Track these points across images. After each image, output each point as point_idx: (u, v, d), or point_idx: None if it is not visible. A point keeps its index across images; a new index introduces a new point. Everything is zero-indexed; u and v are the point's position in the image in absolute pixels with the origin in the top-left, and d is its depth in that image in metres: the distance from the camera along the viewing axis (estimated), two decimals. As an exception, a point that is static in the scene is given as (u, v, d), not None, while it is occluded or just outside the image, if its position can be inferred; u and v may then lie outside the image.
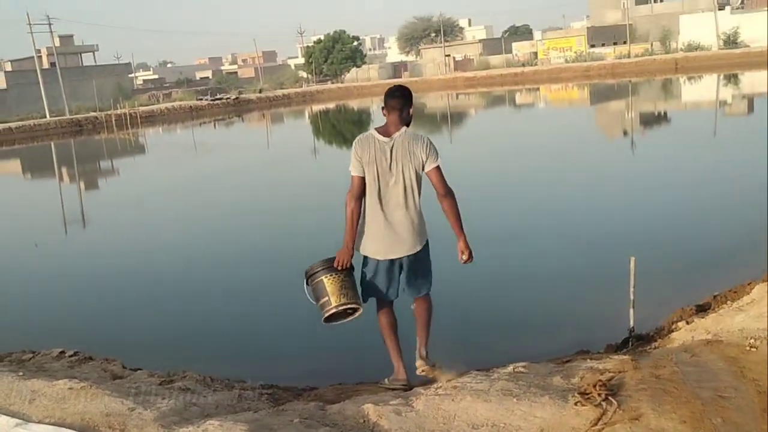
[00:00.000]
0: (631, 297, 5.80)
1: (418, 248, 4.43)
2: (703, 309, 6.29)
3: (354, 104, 56.93)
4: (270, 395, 5.26)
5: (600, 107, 38.67)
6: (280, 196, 16.65)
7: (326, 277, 4.33)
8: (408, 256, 4.42)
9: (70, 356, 5.71)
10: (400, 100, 4.37)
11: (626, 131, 26.36)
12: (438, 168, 4.32)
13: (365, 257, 4.50)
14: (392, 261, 4.44)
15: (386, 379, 4.83)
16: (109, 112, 46.34)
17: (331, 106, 56.50)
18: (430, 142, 4.37)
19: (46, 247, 13.03)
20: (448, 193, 4.35)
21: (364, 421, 4.04)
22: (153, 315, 8.51)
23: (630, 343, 5.78)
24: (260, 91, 63.56)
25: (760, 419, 3.37)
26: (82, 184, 24.54)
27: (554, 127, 29.15)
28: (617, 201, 13.38)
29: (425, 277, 4.61)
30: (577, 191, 14.48)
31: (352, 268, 4.47)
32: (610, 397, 3.68)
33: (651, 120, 29.88)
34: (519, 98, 47.27)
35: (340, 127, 41.31)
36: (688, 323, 5.33)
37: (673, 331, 5.37)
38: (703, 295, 7.11)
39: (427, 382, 4.66)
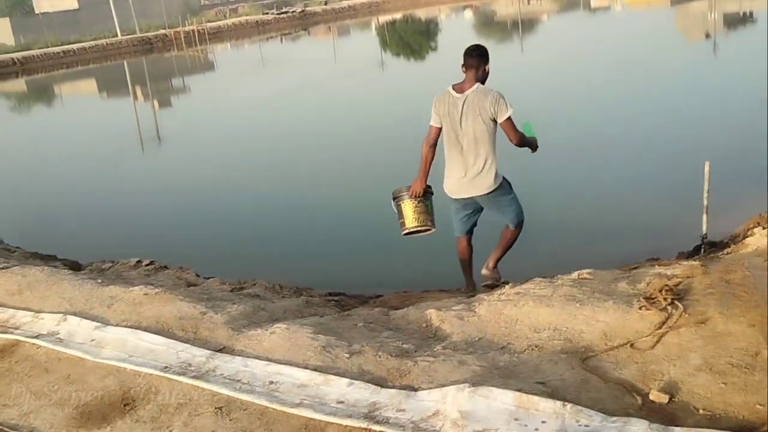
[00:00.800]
0: (705, 203, 5.60)
1: (488, 191, 4.94)
2: (782, 215, 6.03)
3: (421, 14, 55.46)
4: (337, 302, 5.41)
5: (680, 9, 36.49)
6: (348, 112, 16.57)
7: (404, 201, 5.09)
8: (480, 196, 4.98)
9: (146, 265, 5.97)
10: (476, 59, 4.84)
11: (708, 33, 24.91)
12: (509, 119, 4.76)
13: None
14: (463, 200, 5.07)
15: (460, 289, 5.42)
16: (177, 29, 46.62)
17: (398, 16, 55.22)
18: (501, 96, 4.77)
19: (124, 165, 13.47)
20: (519, 143, 4.89)
21: (427, 326, 4.10)
22: (227, 228, 8.75)
23: (702, 250, 5.62)
24: (326, 3, 62.56)
25: (835, 324, 3.25)
26: (155, 103, 25.02)
27: (630, 32, 27.76)
28: (695, 108, 12.80)
29: (505, 213, 5.13)
30: (654, 98, 13.89)
31: (426, 194, 5.10)
32: (676, 302, 3.61)
33: (735, 21, 28.09)
34: (594, 2, 44.98)
35: (408, 39, 40.46)
36: (763, 229, 5.13)
37: (747, 237, 5.19)
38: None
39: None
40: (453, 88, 4.88)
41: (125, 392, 3.59)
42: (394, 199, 5.18)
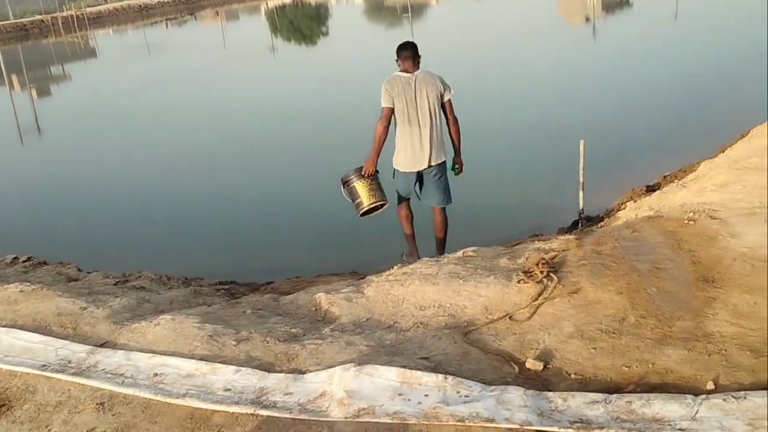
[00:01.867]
0: (581, 179, 5.89)
1: (440, 160, 5.36)
2: (652, 189, 6.41)
3: (311, -2, 55.10)
4: (227, 290, 5.34)
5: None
6: (238, 98, 16.27)
7: (358, 182, 5.33)
8: (431, 166, 5.33)
9: (24, 262, 5.68)
10: (411, 51, 5.34)
11: (588, 17, 26.01)
12: (451, 100, 5.32)
13: (395, 170, 5.45)
14: (417, 172, 5.38)
15: (403, 255, 5.70)
16: (55, 15, 44.23)
17: (288, 1, 54.56)
18: (444, 79, 5.34)
19: (2, 158, 12.72)
20: (456, 121, 5.39)
21: (316, 309, 4.12)
22: (111, 221, 8.42)
23: (580, 225, 5.91)
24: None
25: (694, 287, 3.51)
26: (33, 92, 23.69)
27: (514, 16, 28.62)
28: (573, 89, 13.35)
29: (443, 192, 5.51)
30: (532, 80, 14.39)
31: (377, 173, 5.39)
32: (551, 274, 3.78)
33: (613, 5, 29.45)
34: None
35: (298, 24, 40.09)
36: (635, 202, 5.44)
37: (620, 211, 5.49)
38: (655, 176, 7.26)
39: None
40: (400, 72, 5.30)
41: (0, 393, 3.42)
42: (344, 183, 5.41)
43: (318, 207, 7.97)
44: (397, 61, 5.37)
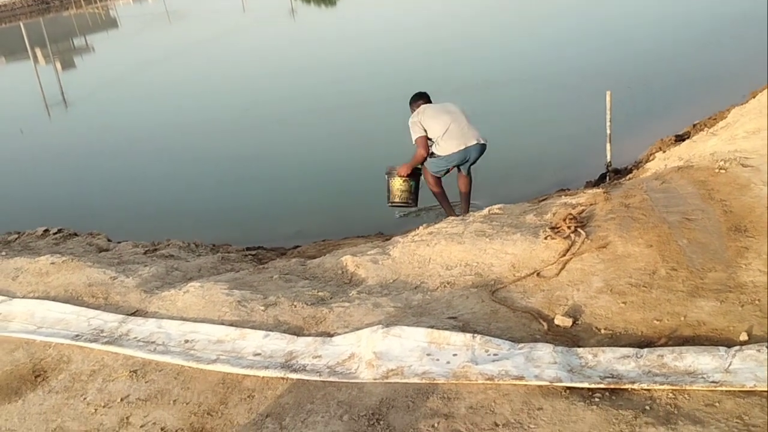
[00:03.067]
0: (608, 131, 5.78)
1: (483, 141, 5.63)
2: (681, 138, 6.28)
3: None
4: (254, 256, 5.37)
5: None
6: (261, 61, 16.19)
7: (393, 178, 5.81)
8: (478, 142, 5.62)
9: (54, 234, 5.75)
10: (426, 97, 5.87)
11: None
12: None
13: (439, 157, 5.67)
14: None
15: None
16: (75, -14, 44.33)
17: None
18: None
19: (30, 132, 12.84)
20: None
21: (343, 272, 4.12)
22: (140, 190, 8.50)
23: (607, 178, 5.82)
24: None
25: (726, 237, 3.43)
26: (58, 65, 23.85)
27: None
28: (598, 39, 13.07)
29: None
30: (557, 31, 14.10)
31: (413, 175, 5.79)
32: (579, 229, 3.73)
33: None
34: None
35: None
36: (664, 153, 5.33)
37: (648, 162, 5.38)
38: (684, 125, 7.10)
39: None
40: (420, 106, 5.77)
41: (36, 364, 3.49)
42: (386, 174, 5.87)
43: (344, 170, 7.97)
44: (414, 105, 5.79)
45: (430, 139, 5.66)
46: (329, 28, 21.86)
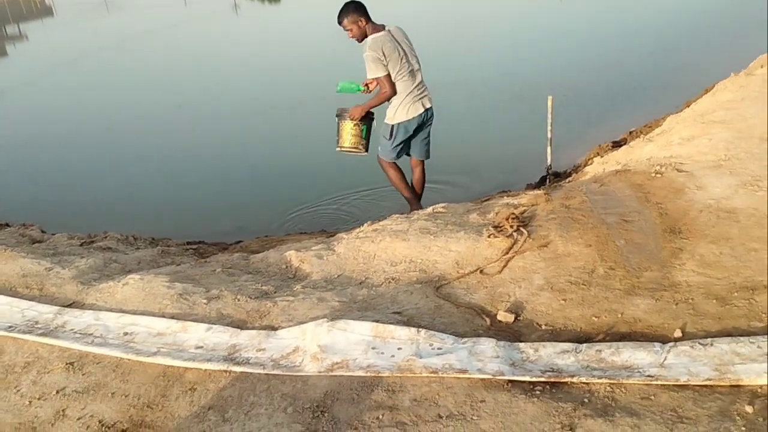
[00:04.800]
0: (549, 135, 5.90)
1: (430, 104, 5.33)
2: (619, 145, 6.46)
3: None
4: (195, 250, 5.29)
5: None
6: (200, 57, 15.93)
7: (344, 121, 5.38)
8: (427, 110, 5.29)
9: (-16, 224, 5.55)
10: (365, 14, 5.05)
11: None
12: None
13: (394, 127, 5.28)
14: (418, 123, 5.28)
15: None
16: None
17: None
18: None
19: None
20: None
21: (287, 267, 4.10)
22: (74, 183, 8.24)
23: (547, 181, 5.94)
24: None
25: (661, 239, 3.55)
26: (-12, 52, 22.94)
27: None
28: (540, 44, 13.32)
29: (428, 144, 5.55)
30: (500, 35, 14.34)
31: (366, 118, 5.35)
32: (521, 228, 3.80)
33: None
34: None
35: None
36: (601, 157, 5.48)
37: (587, 166, 5.52)
38: (621, 133, 7.31)
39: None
40: (377, 31, 5.05)
41: (-35, 356, 3.36)
42: (337, 116, 5.43)
43: (286, 166, 7.92)
44: (349, 24, 5.05)
45: None
46: (272, 25, 21.69)
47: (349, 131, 5.39)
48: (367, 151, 5.52)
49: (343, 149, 5.50)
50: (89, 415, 2.85)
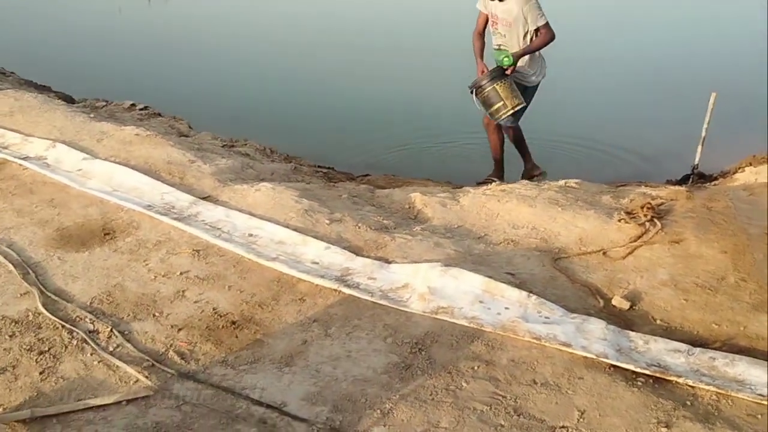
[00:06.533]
0: (703, 134, 5.59)
1: None
2: (775, 159, 6.05)
3: None
4: (325, 174, 5.44)
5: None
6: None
7: (497, 85, 4.96)
8: None
9: (141, 109, 5.92)
10: None
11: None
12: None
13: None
14: None
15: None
16: None
17: None
18: None
19: (129, 13, 13.07)
20: None
21: (410, 207, 4.15)
22: (226, 88, 8.61)
23: (690, 180, 5.66)
24: None
25: (804, 262, 3.34)
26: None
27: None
28: (708, 39, 12.54)
29: None
30: (666, 26, 13.57)
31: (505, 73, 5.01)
32: (655, 219, 3.67)
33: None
34: None
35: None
36: (754, 167, 5.16)
37: (737, 173, 5.22)
38: (781, 146, 6.83)
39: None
40: None
41: (106, 223, 3.65)
42: (477, 88, 5.04)
43: (427, 115, 7.92)
44: None
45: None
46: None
47: (509, 90, 5.00)
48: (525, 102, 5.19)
49: (508, 113, 5.09)
50: (205, 301, 3.04)
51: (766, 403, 2.41)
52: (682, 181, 5.78)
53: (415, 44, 11.04)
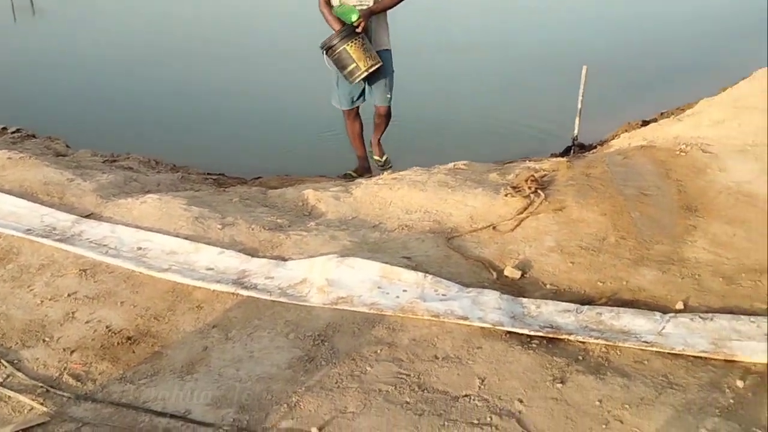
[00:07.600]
0: (579, 106, 5.84)
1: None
2: (648, 123, 6.38)
3: None
4: (215, 180, 5.35)
5: None
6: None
7: (348, 45, 4.74)
8: None
9: (12, 132, 5.64)
10: None
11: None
12: None
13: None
14: None
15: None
16: None
17: None
18: None
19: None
20: None
21: (303, 204, 4.15)
22: (102, 103, 8.31)
23: (572, 151, 5.91)
24: None
25: (676, 215, 3.55)
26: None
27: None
28: (576, 12, 13.10)
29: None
30: (538, 5, 14.08)
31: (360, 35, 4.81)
32: (539, 190, 3.81)
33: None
34: None
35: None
36: (629, 133, 5.44)
37: (614, 140, 5.49)
38: (653, 113, 7.23)
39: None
40: None
41: (-17, 252, 3.46)
42: (329, 48, 4.81)
43: (313, 112, 7.91)
44: None
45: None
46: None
47: (362, 49, 4.78)
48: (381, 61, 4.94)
49: (364, 73, 4.86)
50: (97, 319, 2.94)
51: (650, 349, 2.55)
52: (565, 152, 6.03)
53: (271, 46, 11.03)
